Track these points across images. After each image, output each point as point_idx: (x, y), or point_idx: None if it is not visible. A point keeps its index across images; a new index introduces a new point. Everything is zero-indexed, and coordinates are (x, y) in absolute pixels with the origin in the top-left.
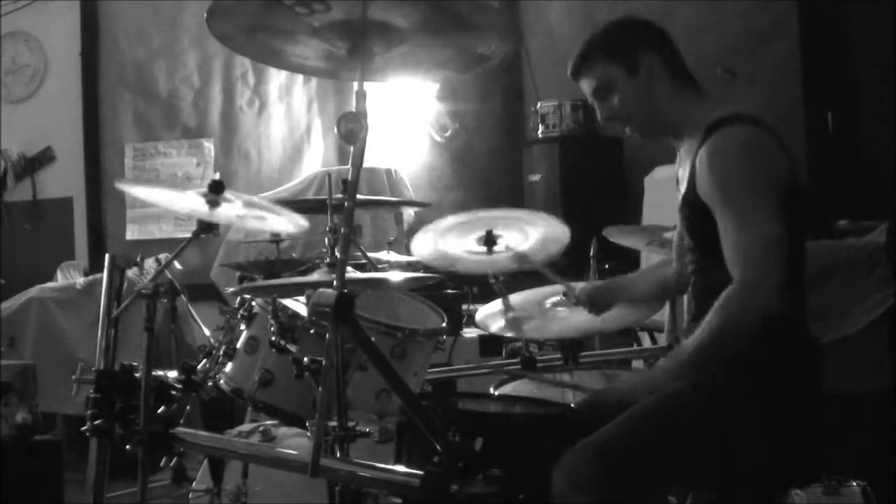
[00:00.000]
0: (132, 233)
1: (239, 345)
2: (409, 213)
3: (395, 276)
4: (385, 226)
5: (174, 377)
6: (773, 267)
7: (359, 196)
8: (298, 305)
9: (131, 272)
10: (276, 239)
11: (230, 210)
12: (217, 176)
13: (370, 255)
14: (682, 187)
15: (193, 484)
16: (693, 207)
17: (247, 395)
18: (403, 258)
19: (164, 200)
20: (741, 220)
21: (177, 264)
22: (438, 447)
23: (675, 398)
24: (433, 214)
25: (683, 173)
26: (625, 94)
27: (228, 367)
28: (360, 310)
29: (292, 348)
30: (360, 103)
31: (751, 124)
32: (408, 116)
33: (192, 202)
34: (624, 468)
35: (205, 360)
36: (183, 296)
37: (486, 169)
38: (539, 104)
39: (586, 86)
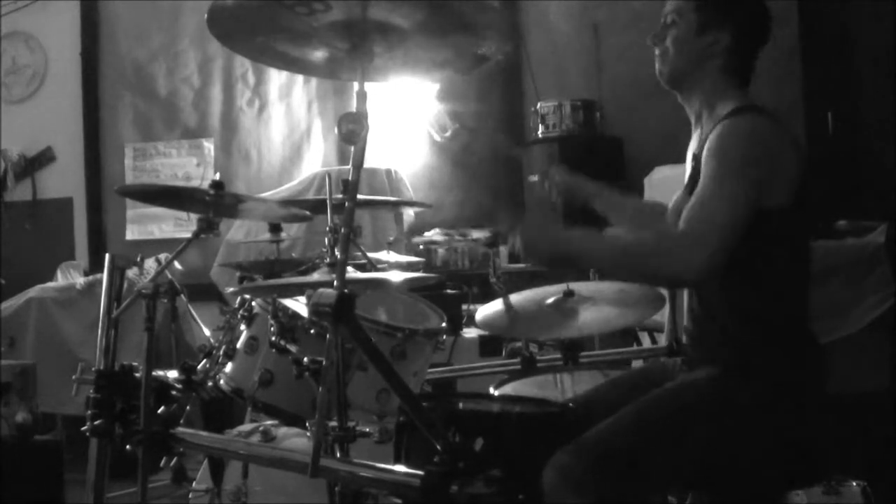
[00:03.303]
0: (132, 233)
1: (239, 345)
2: (409, 213)
3: (395, 276)
4: (385, 226)
5: (174, 377)
6: (724, 239)
7: (359, 196)
8: (298, 305)
9: (131, 272)
10: (276, 239)
11: None
12: (217, 176)
13: (370, 255)
14: (689, 166)
15: (193, 484)
16: (695, 182)
17: (247, 395)
18: (403, 258)
19: None
20: (714, 185)
21: (177, 264)
22: (438, 447)
23: (673, 397)
24: (433, 215)
25: (694, 150)
26: (680, 40)
27: (228, 367)
28: (360, 310)
29: (292, 348)
30: (361, 104)
31: (767, 117)
32: (408, 116)
33: None
34: (618, 467)
35: (205, 360)
36: (183, 296)
37: (486, 169)
38: (539, 104)
39: (669, 3)
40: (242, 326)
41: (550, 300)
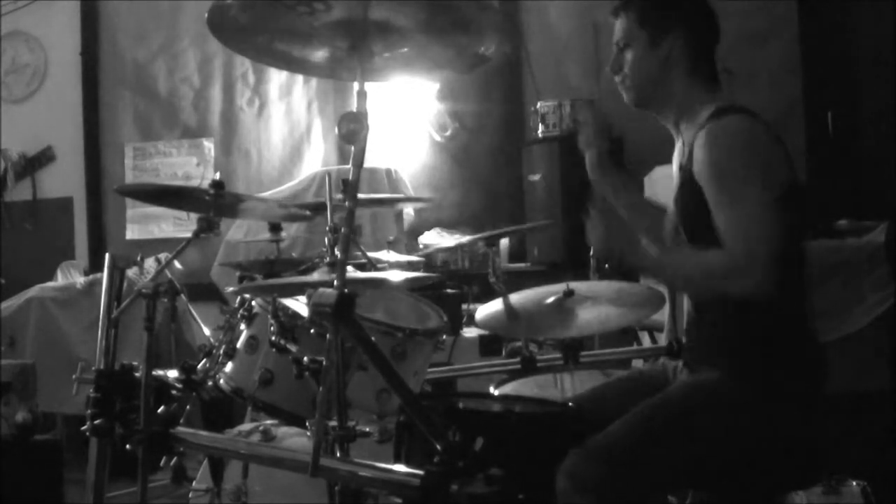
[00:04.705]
0: (132, 233)
1: (239, 344)
2: (409, 212)
3: (395, 276)
4: (385, 226)
5: (174, 377)
6: (764, 246)
7: (359, 195)
8: (298, 305)
9: (131, 272)
10: (276, 238)
11: None
12: (217, 175)
13: (370, 254)
14: (677, 177)
15: (193, 484)
16: (687, 194)
17: (247, 394)
18: (403, 258)
19: None
20: (736, 198)
21: (177, 264)
22: (438, 447)
23: (678, 400)
24: (433, 214)
25: (679, 160)
26: (638, 59)
27: (228, 366)
28: (360, 310)
29: (292, 348)
30: (361, 103)
31: (749, 116)
32: (408, 116)
33: None
34: (627, 469)
35: (205, 360)
36: (183, 295)
37: (486, 169)
38: (539, 104)
39: (616, 29)
40: (242, 326)
41: (550, 300)
